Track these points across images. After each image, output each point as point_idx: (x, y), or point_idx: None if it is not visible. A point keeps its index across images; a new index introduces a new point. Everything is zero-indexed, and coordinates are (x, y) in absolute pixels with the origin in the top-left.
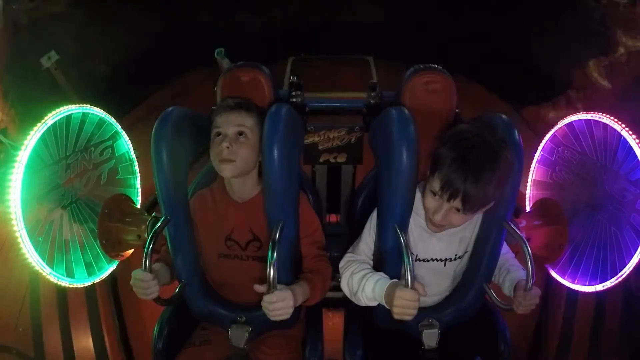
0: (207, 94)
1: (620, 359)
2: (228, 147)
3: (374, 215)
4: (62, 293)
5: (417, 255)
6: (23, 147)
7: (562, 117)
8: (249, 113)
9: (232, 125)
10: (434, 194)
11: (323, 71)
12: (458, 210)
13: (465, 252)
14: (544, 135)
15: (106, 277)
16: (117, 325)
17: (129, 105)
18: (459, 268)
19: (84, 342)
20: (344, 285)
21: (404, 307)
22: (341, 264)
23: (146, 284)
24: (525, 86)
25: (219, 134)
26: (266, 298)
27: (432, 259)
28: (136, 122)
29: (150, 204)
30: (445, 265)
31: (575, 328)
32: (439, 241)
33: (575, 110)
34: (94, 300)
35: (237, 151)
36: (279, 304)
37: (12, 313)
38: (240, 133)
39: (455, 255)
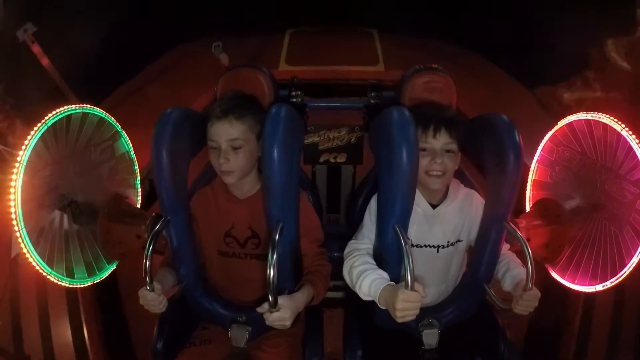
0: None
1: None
2: (224, 162)
3: (373, 201)
4: (42, 288)
5: (410, 241)
6: (23, 147)
7: (577, 98)
8: (239, 120)
9: (223, 138)
10: (422, 148)
11: (323, 44)
12: (448, 151)
13: (459, 241)
14: (559, 116)
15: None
16: (98, 322)
17: (114, 82)
18: (455, 260)
19: (63, 338)
20: (345, 274)
21: (406, 309)
22: (345, 251)
23: (154, 302)
24: (540, 65)
25: (213, 145)
26: (266, 316)
27: (425, 245)
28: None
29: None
30: (438, 252)
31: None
32: (432, 227)
33: (592, 91)
34: (74, 298)
35: (234, 163)
36: (277, 322)
37: None
38: (234, 145)
39: (448, 242)
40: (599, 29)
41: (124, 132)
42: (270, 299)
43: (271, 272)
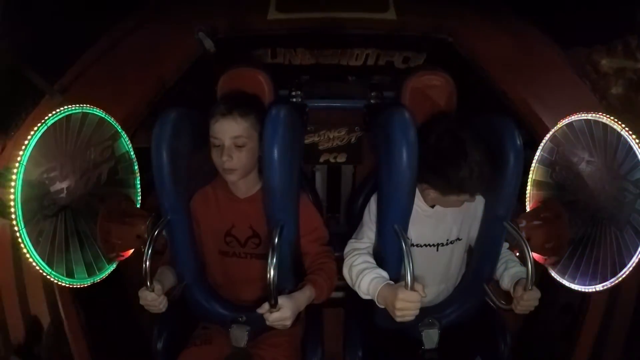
0: None
1: None
2: (227, 159)
3: (373, 200)
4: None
5: (410, 240)
6: (23, 147)
7: (617, 67)
8: (243, 117)
9: (227, 136)
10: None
11: None
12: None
13: (458, 239)
14: (595, 85)
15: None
16: (82, 324)
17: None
18: (455, 259)
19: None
20: (344, 272)
21: (406, 308)
22: (345, 250)
23: (154, 302)
24: (577, 23)
25: (216, 143)
26: (266, 316)
27: (426, 245)
28: None
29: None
30: (437, 250)
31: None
32: (432, 226)
33: (634, 61)
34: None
35: (237, 160)
36: (278, 322)
37: None
38: (238, 143)
39: (447, 240)
40: None
41: (123, 132)
42: (271, 299)
43: (271, 273)
